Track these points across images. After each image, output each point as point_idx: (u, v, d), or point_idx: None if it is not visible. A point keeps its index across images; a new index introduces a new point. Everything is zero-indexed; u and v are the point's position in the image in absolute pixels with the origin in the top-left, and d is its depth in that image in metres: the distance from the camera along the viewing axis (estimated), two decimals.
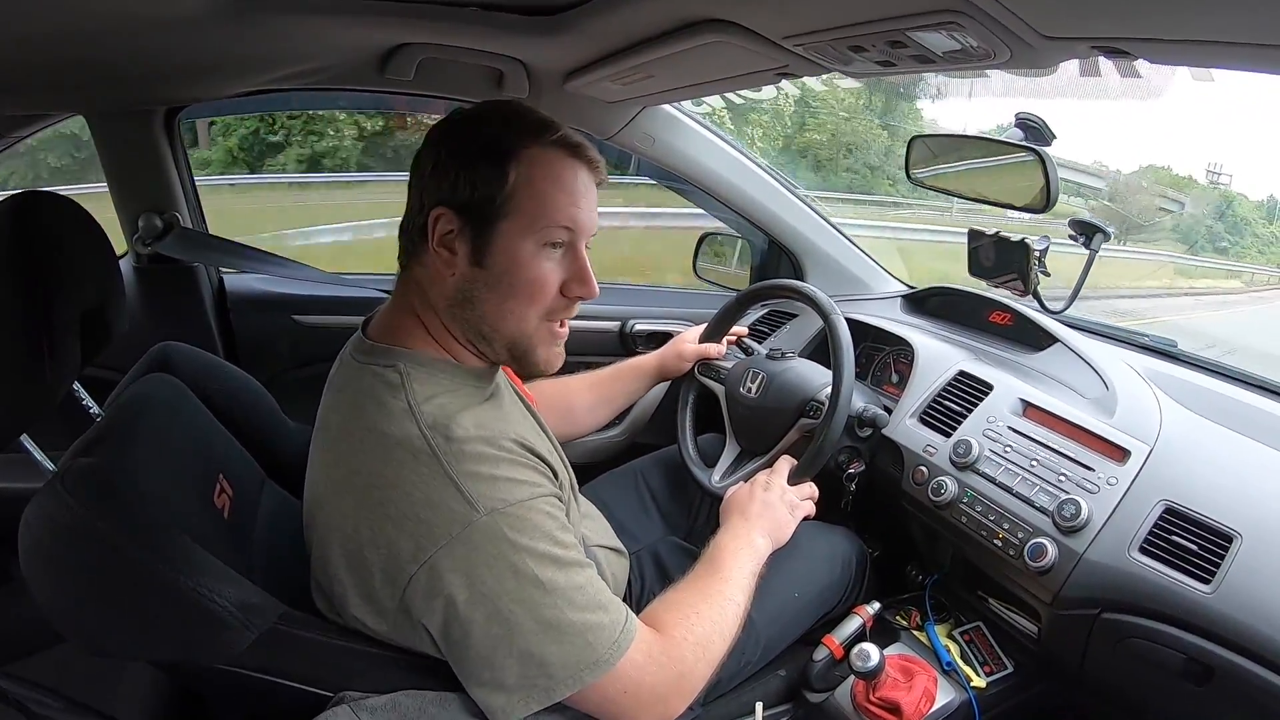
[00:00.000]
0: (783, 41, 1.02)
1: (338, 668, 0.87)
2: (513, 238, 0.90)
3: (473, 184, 0.89)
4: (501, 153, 0.89)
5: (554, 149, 0.91)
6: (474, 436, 0.85)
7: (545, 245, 0.91)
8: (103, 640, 0.85)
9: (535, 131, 0.91)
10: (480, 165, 0.89)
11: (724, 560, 1.11)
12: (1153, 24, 0.75)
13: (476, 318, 0.93)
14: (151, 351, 1.14)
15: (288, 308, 1.87)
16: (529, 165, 0.89)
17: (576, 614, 0.84)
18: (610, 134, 1.79)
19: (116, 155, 1.67)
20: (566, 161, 0.92)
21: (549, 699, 0.84)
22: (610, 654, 0.85)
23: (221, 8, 0.95)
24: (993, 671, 1.28)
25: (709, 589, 1.05)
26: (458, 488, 0.82)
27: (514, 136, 0.90)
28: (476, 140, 0.91)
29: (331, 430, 0.93)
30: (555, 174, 0.91)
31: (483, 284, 0.92)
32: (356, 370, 0.94)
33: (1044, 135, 1.36)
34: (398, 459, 0.84)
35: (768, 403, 1.47)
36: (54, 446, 1.00)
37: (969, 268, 1.60)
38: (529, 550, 0.83)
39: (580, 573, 0.87)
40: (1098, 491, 1.17)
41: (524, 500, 0.85)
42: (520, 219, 0.90)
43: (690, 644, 0.95)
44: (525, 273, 0.91)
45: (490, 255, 0.90)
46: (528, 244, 0.90)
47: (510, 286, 0.92)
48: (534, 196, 0.89)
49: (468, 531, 0.81)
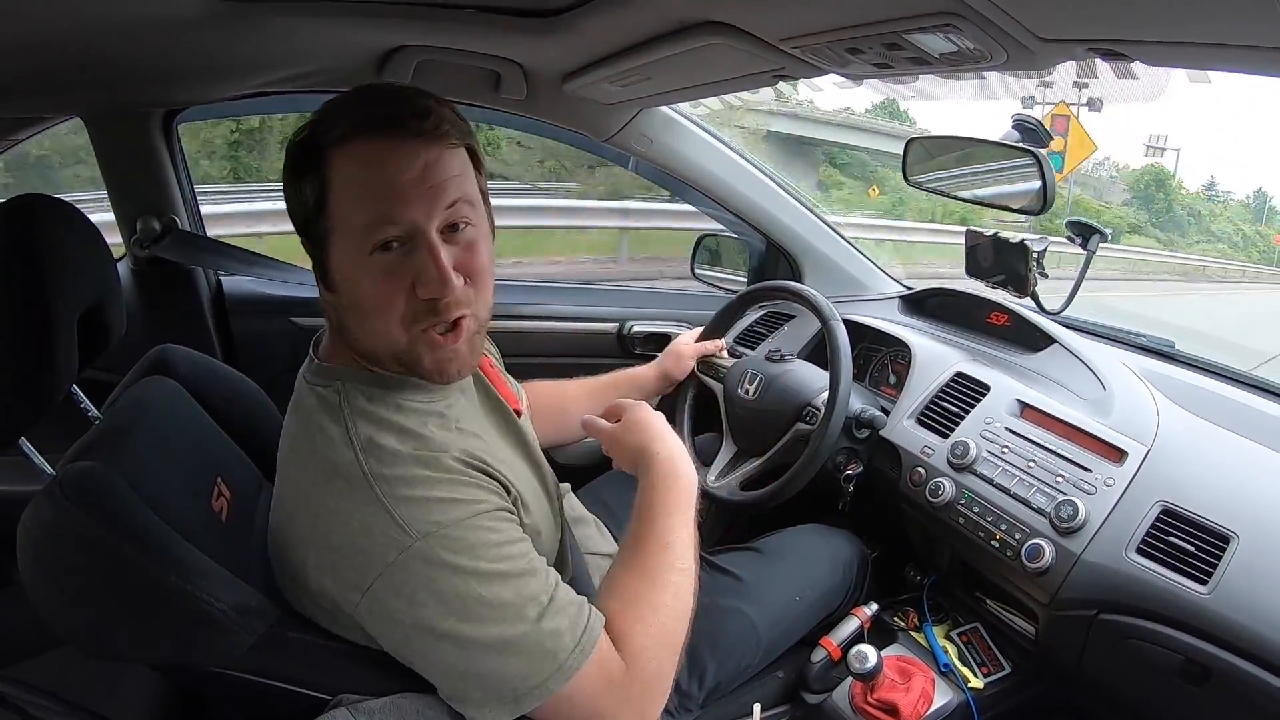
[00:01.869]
0: (779, 44, 1.02)
1: (335, 670, 0.87)
2: (343, 253, 0.83)
3: (298, 202, 0.84)
4: (311, 163, 0.82)
5: (356, 138, 0.80)
6: (408, 458, 0.82)
7: (376, 250, 0.81)
8: (100, 643, 0.85)
9: (337, 126, 0.81)
10: (298, 182, 0.83)
11: (658, 519, 0.98)
12: (1149, 26, 0.75)
13: (353, 340, 0.89)
14: (149, 354, 1.13)
15: (286, 310, 1.87)
16: (335, 168, 0.81)
17: (529, 626, 0.80)
18: (608, 135, 1.79)
19: (114, 158, 1.67)
20: (374, 146, 0.80)
21: (519, 709, 0.81)
22: (573, 660, 0.81)
23: (218, 10, 0.96)
24: (990, 672, 1.28)
25: (656, 570, 0.94)
26: (390, 514, 0.79)
27: (321, 137, 0.81)
28: (294, 153, 0.84)
29: (284, 456, 0.91)
30: (364, 167, 0.80)
31: (341, 308, 0.87)
32: (306, 393, 0.91)
33: (1040, 137, 1.37)
34: (336, 488, 0.81)
35: (765, 405, 1.48)
36: (52, 449, 1.00)
37: (966, 268, 1.60)
38: (469, 570, 0.79)
39: (532, 582, 0.83)
40: (1095, 492, 1.17)
41: (461, 519, 0.81)
42: (343, 231, 0.82)
43: (652, 649, 0.88)
44: (363, 287, 0.83)
45: (332, 277, 0.85)
46: (356, 255, 0.82)
47: (359, 305, 0.84)
48: (347, 201, 0.81)
49: (404, 557, 0.78)
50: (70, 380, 0.97)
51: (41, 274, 0.89)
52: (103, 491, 0.79)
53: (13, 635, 1.32)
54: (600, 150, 1.96)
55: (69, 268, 0.95)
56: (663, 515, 0.99)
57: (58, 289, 0.92)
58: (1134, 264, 11.42)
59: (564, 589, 0.86)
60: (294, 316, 1.87)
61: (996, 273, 1.53)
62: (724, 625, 1.21)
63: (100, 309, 1.04)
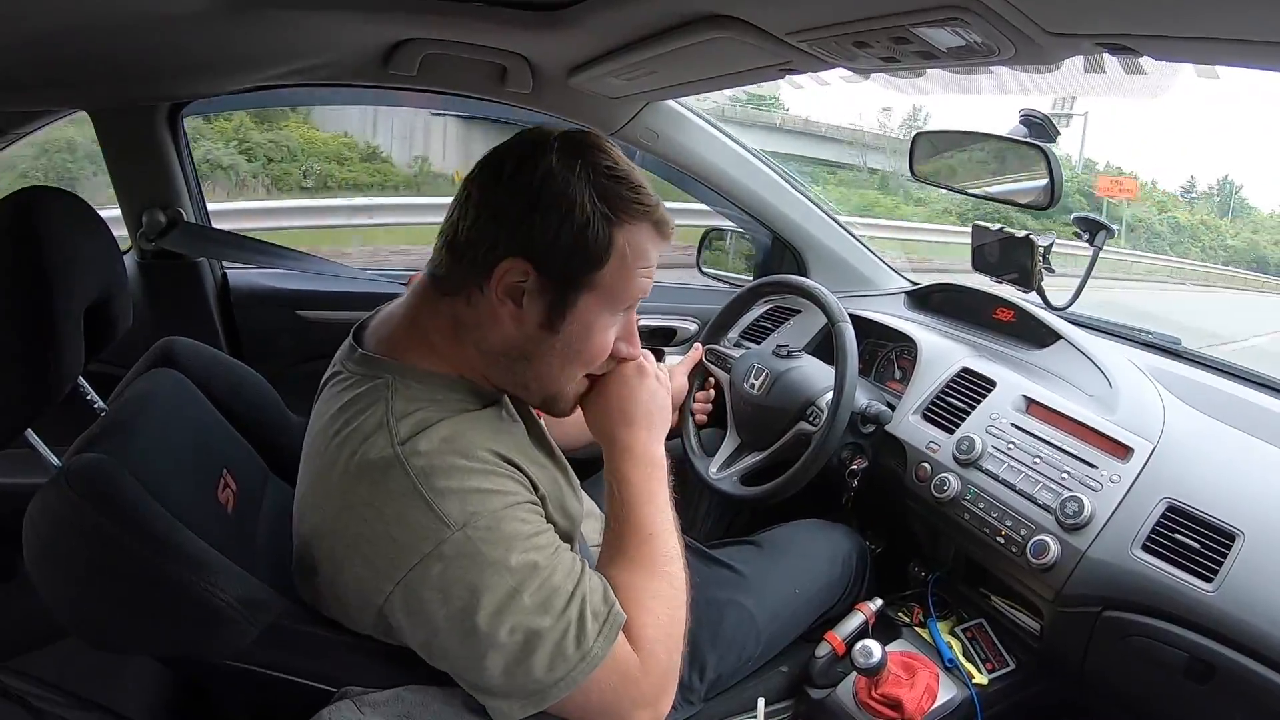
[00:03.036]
0: (787, 37, 1.01)
1: (341, 662, 0.88)
2: (594, 311, 0.89)
3: (570, 251, 0.85)
4: (608, 229, 0.86)
5: (648, 228, 0.89)
6: (445, 449, 0.83)
7: (617, 314, 0.92)
8: (106, 635, 0.85)
9: (635, 207, 0.88)
10: (583, 235, 0.85)
11: (641, 506, 0.98)
12: (1158, 20, 0.74)
13: (526, 373, 0.92)
14: (155, 347, 1.14)
15: (292, 303, 1.88)
16: (625, 244, 0.87)
17: (555, 618, 0.82)
18: (614, 129, 1.78)
19: (120, 151, 1.67)
20: (655, 240, 0.90)
21: (544, 702, 0.83)
22: (598, 649, 0.83)
23: (224, 4, 0.95)
24: (995, 668, 1.28)
25: (649, 561, 0.95)
26: (428, 504, 0.80)
27: (619, 211, 0.87)
28: (582, 204, 0.85)
29: (315, 445, 0.91)
30: (645, 254, 0.89)
31: (548, 346, 0.90)
32: (344, 382, 0.91)
33: (1048, 132, 1.36)
34: (371, 477, 0.82)
35: (770, 402, 1.47)
36: (59, 441, 1.00)
37: (973, 263, 1.60)
38: (503, 562, 0.81)
39: (560, 574, 0.84)
40: (1100, 489, 1.17)
41: (496, 510, 0.82)
42: (606, 294, 0.88)
43: (662, 641, 0.90)
44: (595, 342, 0.91)
45: (565, 323, 0.88)
46: (605, 317, 0.90)
47: (577, 353, 0.91)
48: (624, 276, 0.88)
49: (441, 548, 0.79)
50: (76, 373, 0.97)
51: (48, 267, 0.90)
52: (108, 483, 0.80)
53: (18, 627, 1.33)
54: None
55: (75, 261, 0.95)
56: (642, 505, 0.98)
57: (64, 282, 0.92)
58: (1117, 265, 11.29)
59: (589, 576, 0.87)
60: (299, 309, 1.87)
61: (1003, 268, 1.53)
62: (723, 617, 1.22)
63: (106, 302, 1.04)
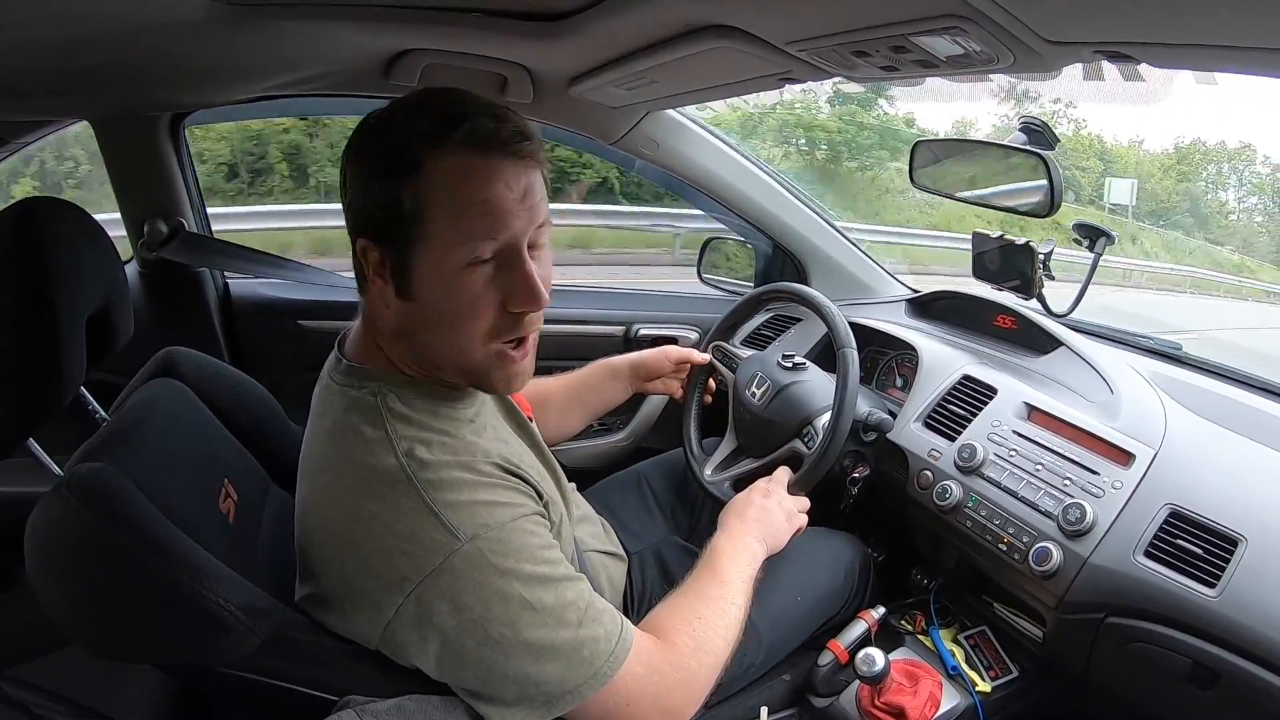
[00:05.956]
0: (786, 47, 1.02)
1: (343, 671, 0.87)
2: (433, 263, 0.81)
3: (382, 207, 0.81)
4: (404, 167, 0.79)
5: (461, 151, 0.79)
6: (451, 463, 0.83)
7: (471, 265, 0.81)
8: (107, 643, 0.85)
9: (436, 133, 0.79)
10: (385, 184, 0.80)
11: (721, 564, 1.09)
12: (1156, 28, 0.75)
13: (420, 349, 0.89)
14: (157, 356, 1.14)
15: (292, 312, 1.88)
16: (434, 177, 0.79)
17: (569, 631, 0.83)
18: (615, 139, 1.79)
19: (122, 161, 1.68)
20: (478, 163, 0.80)
21: (550, 713, 0.83)
22: (607, 667, 0.84)
23: (226, 15, 0.96)
24: (998, 676, 1.28)
25: (708, 592, 1.03)
26: (437, 517, 0.80)
27: (416, 143, 0.80)
28: (380, 153, 0.82)
29: (314, 459, 0.91)
30: (467, 182, 0.80)
31: (415, 318, 0.85)
32: (335, 394, 0.91)
33: (1047, 139, 1.36)
34: (377, 492, 0.82)
35: (770, 414, 1.46)
36: (60, 451, 1.00)
37: (974, 270, 1.60)
38: (514, 573, 0.81)
39: (570, 588, 0.85)
40: (1102, 495, 1.16)
41: (505, 522, 0.83)
42: (436, 242, 0.81)
43: (691, 650, 0.93)
44: (453, 300, 0.83)
45: (414, 286, 0.83)
46: (450, 268, 0.81)
47: (441, 317, 0.84)
48: (447, 213, 0.80)
49: (451, 560, 0.79)
50: (78, 382, 0.97)
51: (50, 276, 0.90)
52: (110, 492, 0.80)
53: (19, 635, 1.33)
54: (608, 154, 1.96)
55: (77, 270, 0.95)
56: (723, 562, 1.10)
57: (66, 291, 0.92)
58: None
59: (598, 596, 0.88)
60: (300, 319, 1.88)
61: (1003, 275, 1.53)
62: None
63: (108, 311, 1.04)
